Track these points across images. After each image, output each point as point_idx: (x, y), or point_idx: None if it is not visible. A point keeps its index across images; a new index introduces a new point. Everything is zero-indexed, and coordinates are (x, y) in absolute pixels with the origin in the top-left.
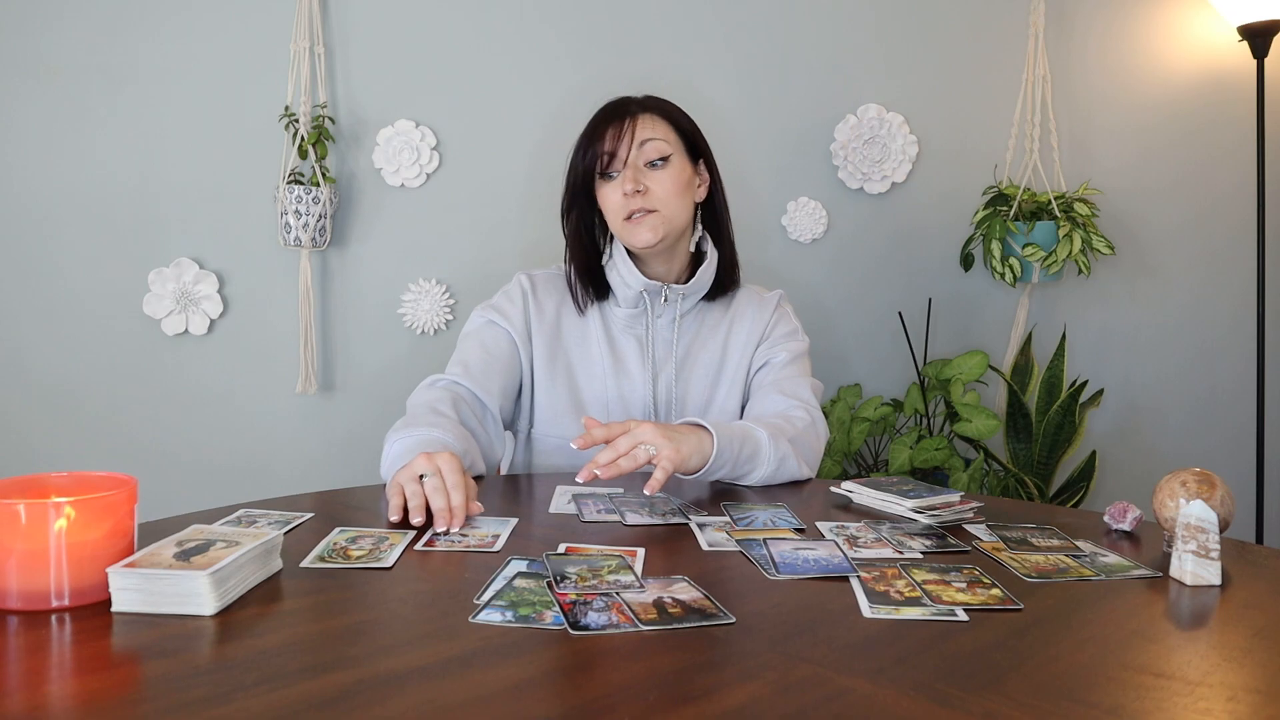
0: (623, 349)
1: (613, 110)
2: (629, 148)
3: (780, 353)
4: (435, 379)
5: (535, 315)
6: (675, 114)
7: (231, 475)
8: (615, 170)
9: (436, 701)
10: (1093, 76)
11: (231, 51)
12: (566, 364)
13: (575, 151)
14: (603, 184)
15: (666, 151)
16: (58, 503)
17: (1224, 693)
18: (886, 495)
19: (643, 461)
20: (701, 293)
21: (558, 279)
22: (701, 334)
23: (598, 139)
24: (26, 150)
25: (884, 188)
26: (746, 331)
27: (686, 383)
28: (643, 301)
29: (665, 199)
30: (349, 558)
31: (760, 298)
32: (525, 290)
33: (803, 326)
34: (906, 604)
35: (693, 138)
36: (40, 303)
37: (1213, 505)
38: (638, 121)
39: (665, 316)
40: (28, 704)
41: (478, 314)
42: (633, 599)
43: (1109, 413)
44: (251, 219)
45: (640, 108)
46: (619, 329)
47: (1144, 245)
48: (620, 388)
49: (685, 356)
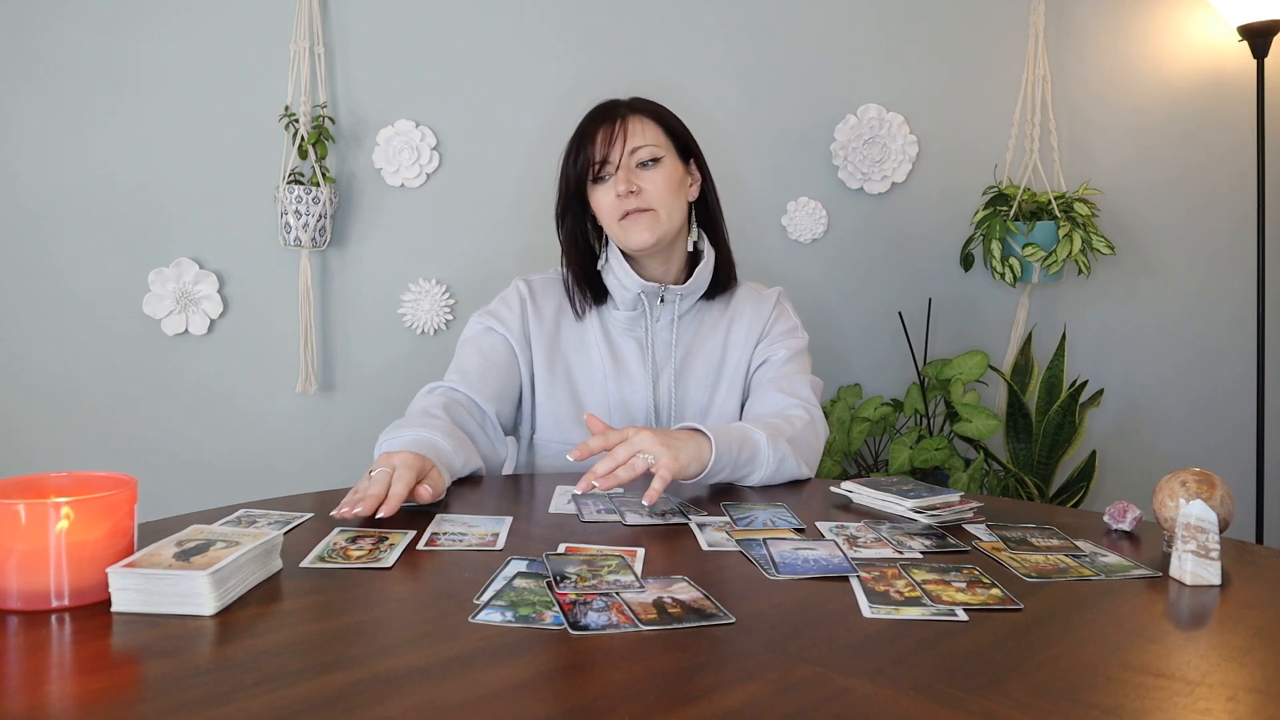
0: (623, 352)
1: (601, 113)
2: (620, 151)
3: (779, 350)
4: (432, 386)
5: (534, 321)
6: (664, 115)
7: (231, 475)
8: (607, 174)
9: (436, 701)
10: (1093, 76)
11: (231, 51)
12: (566, 369)
13: (565, 157)
14: (595, 188)
15: (658, 153)
16: (58, 503)
17: (1224, 693)
18: (886, 495)
19: (641, 470)
20: (699, 292)
21: (555, 283)
22: (701, 333)
23: (588, 143)
24: (27, 150)
25: (884, 188)
26: (746, 329)
27: (687, 383)
28: (641, 303)
29: (659, 198)
30: (349, 558)
31: (759, 295)
32: (523, 296)
33: (802, 323)
34: (906, 604)
35: (683, 138)
36: (40, 303)
37: (1213, 505)
38: (628, 124)
39: (664, 318)
40: (28, 704)
41: (475, 320)
42: (633, 599)
43: (1109, 413)
44: (251, 219)
45: (629, 109)
46: (618, 332)
47: (1144, 245)
48: (621, 391)
49: (685, 356)
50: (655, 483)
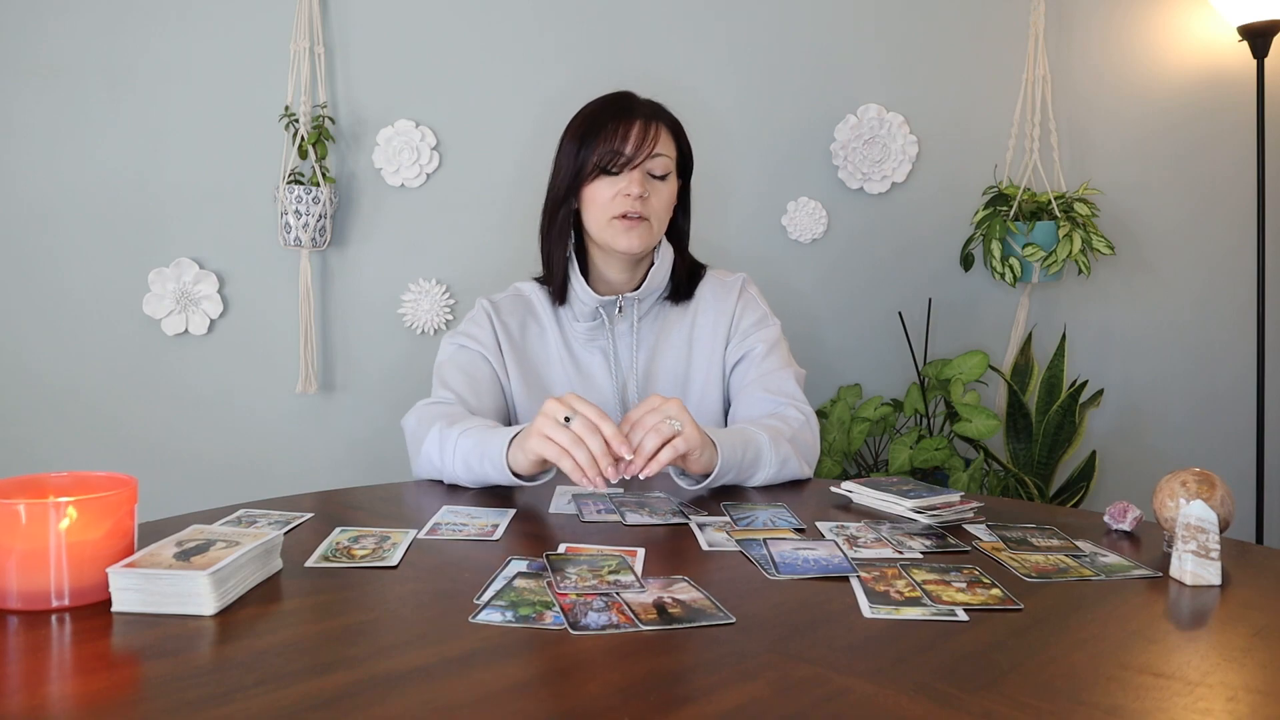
0: (586, 363)
1: (620, 109)
2: (644, 154)
3: (756, 344)
4: (429, 400)
5: (503, 336)
6: (680, 132)
7: (231, 475)
8: (619, 168)
9: (436, 701)
10: (1093, 76)
11: (231, 51)
12: (538, 381)
13: (579, 142)
14: (598, 179)
15: (670, 168)
16: (58, 503)
17: (1224, 693)
18: (886, 495)
19: (667, 435)
20: (655, 294)
21: (517, 300)
22: (664, 334)
23: (603, 133)
24: (27, 150)
25: (884, 188)
26: (711, 323)
27: (654, 388)
28: (600, 315)
29: (658, 213)
30: (353, 557)
31: (721, 283)
32: (489, 313)
33: (771, 309)
34: (906, 604)
35: (688, 157)
36: (40, 303)
37: (1213, 505)
38: (659, 134)
39: (624, 325)
40: (28, 704)
41: (448, 341)
42: (633, 599)
43: (1109, 413)
44: (251, 219)
45: (654, 115)
46: (580, 344)
47: (1144, 245)
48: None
49: (650, 360)
50: (666, 451)
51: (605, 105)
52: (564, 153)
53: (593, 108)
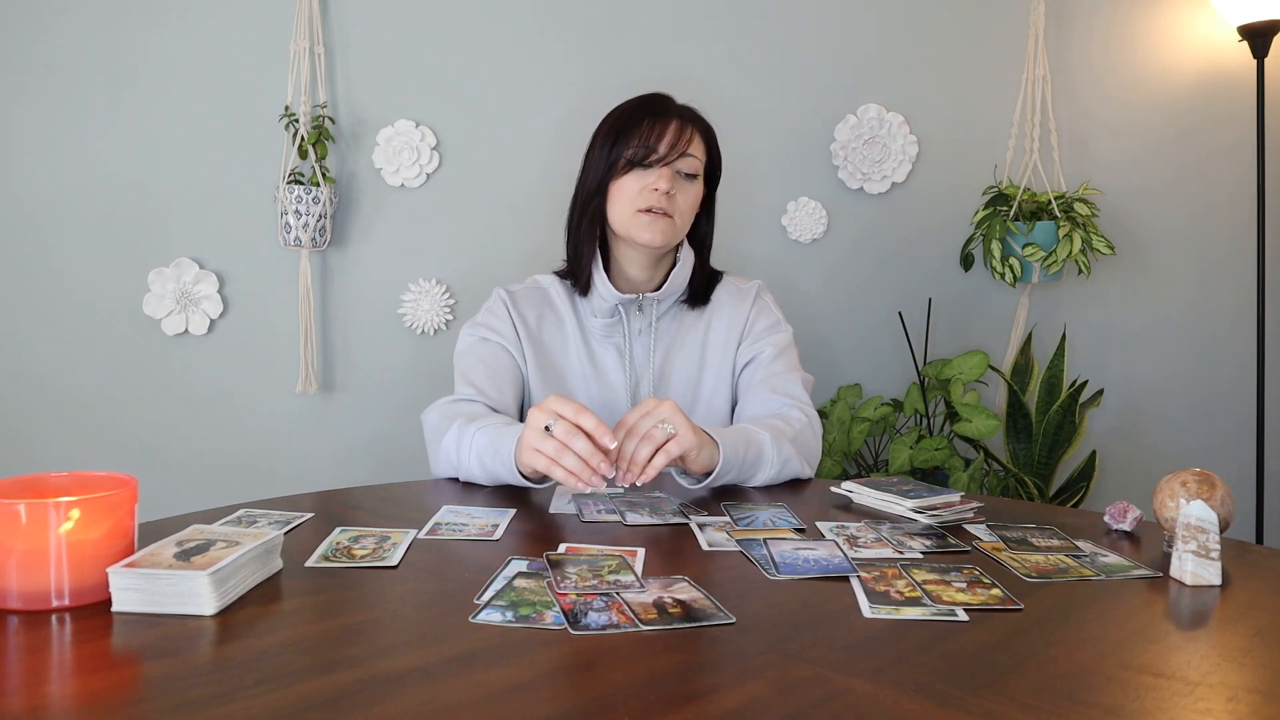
0: (601, 358)
1: (656, 108)
2: (677, 152)
3: (766, 347)
4: (452, 398)
5: (521, 327)
6: (711, 139)
7: (231, 475)
8: (650, 162)
9: (436, 701)
10: (1093, 76)
11: (231, 51)
12: (555, 373)
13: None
14: (627, 172)
15: (698, 171)
16: (59, 503)
17: (1224, 693)
18: (886, 495)
19: (661, 440)
20: (675, 296)
21: (534, 291)
22: (680, 336)
23: (636, 129)
24: (27, 150)
25: (884, 188)
26: (725, 327)
27: (667, 388)
28: (618, 312)
29: (683, 211)
30: (353, 557)
31: (737, 289)
32: (506, 303)
33: (785, 316)
34: (906, 604)
35: (716, 165)
36: (40, 303)
37: (1213, 505)
38: (692, 136)
39: (641, 323)
40: (28, 704)
41: (467, 332)
42: (633, 599)
43: (1109, 413)
44: (251, 219)
45: (690, 118)
46: (597, 339)
47: (1144, 245)
48: (603, 397)
49: (665, 360)
50: (659, 457)
51: (642, 104)
52: (597, 147)
53: (629, 105)
